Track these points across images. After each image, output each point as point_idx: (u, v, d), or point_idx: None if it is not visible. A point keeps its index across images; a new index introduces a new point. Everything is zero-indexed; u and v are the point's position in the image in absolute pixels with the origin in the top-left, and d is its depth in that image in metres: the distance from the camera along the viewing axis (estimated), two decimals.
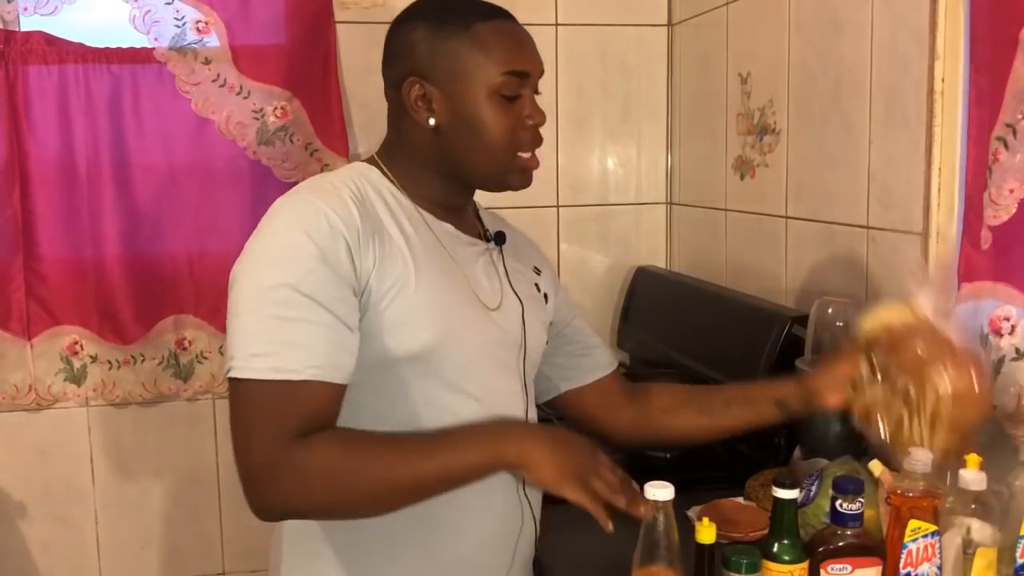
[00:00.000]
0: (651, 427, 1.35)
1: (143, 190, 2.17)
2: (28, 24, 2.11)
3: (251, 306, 1.00)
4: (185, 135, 2.17)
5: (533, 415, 1.24)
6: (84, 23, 2.14)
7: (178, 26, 2.13)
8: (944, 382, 1.08)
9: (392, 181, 1.14)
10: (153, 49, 2.13)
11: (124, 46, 2.13)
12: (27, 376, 2.17)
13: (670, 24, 2.42)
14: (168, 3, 2.12)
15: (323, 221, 1.02)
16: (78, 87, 2.11)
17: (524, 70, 1.11)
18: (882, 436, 1.12)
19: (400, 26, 1.13)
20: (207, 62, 2.15)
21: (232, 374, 0.99)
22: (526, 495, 1.20)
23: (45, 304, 2.16)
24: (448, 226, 1.16)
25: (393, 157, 1.17)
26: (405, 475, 1.00)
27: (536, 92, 1.15)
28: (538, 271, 1.30)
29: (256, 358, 0.98)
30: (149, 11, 2.12)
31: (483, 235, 1.23)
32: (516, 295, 1.20)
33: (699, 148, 2.29)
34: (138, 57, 2.13)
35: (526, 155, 1.14)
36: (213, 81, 2.16)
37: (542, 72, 1.14)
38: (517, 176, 1.14)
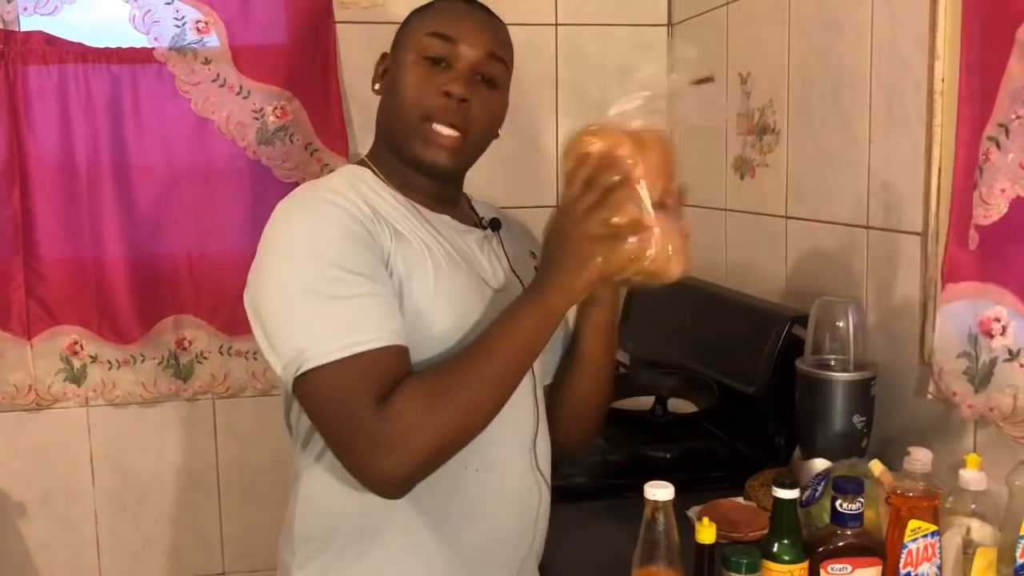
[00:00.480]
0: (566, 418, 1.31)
1: (143, 190, 2.17)
2: (28, 24, 2.10)
3: (296, 300, 1.00)
4: (185, 135, 2.17)
5: (540, 395, 1.24)
6: (84, 23, 2.14)
7: (178, 26, 2.13)
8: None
9: (383, 179, 1.15)
10: (153, 49, 2.13)
11: (124, 46, 2.13)
12: (27, 376, 2.17)
13: (670, 24, 2.42)
14: (168, 3, 2.11)
15: (336, 209, 1.03)
16: (78, 87, 2.11)
17: (449, 34, 1.11)
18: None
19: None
20: (207, 62, 2.15)
21: (309, 365, 0.97)
22: (539, 469, 1.20)
23: (45, 304, 2.16)
24: (445, 217, 1.17)
25: (379, 153, 1.18)
26: (494, 368, 1.00)
27: (489, 81, 1.14)
28: (534, 255, 1.29)
29: (329, 340, 0.97)
30: (149, 11, 2.11)
31: (479, 223, 1.24)
32: (519, 279, 1.21)
33: (699, 148, 2.29)
34: (138, 57, 2.13)
35: (436, 126, 1.11)
36: (213, 81, 2.16)
37: (488, 54, 1.13)
38: (421, 144, 1.11)
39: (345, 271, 1.00)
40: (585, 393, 1.29)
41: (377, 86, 1.18)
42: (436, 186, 1.17)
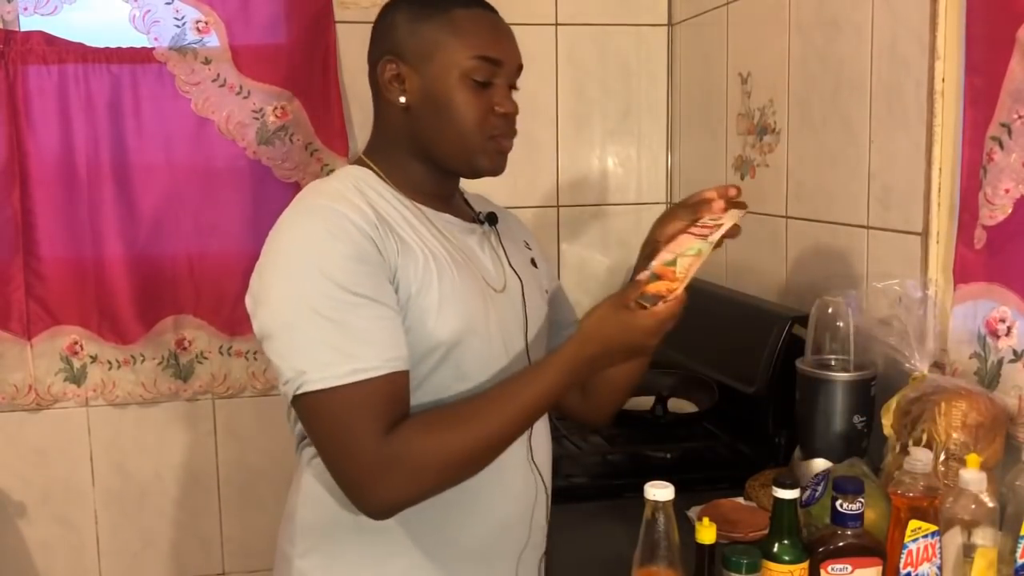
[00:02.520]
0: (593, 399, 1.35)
1: (143, 190, 2.17)
2: (28, 24, 2.11)
3: (301, 318, 1.00)
4: (185, 135, 2.17)
5: None
6: (84, 23, 2.14)
7: (178, 26, 2.13)
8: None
9: (384, 180, 1.14)
10: (153, 49, 2.13)
11: (124, 46, 2.13)
12: (27, 376, 2.17)
13: (670, 24, 2.42)
14: (168, 3, 2.12)
15: (344, 221, 1.03)
16: (78, 87, 2.11)
17: (496, 57, 1.12)
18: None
19: (384, 10, 1.17)
20: (207, 62, 2.15)
21: (308, 388, 0.98)
22: (535, 465, 1.21)
23: (45, 304, 2.16)
24: (447, 216, 1.17)
25: (378, 152, 1.18)
26: (500, 422, 1.03)
27: (514, 87, 1.17)
28: (528, 246, 1.32)
29: (330, 365, 0.98)
30: (149, 11, 2.12)
31: (475, 218, 1.24)
32: (516, 273, 1.22)
33: (699, 148, 2.29)
34: (138, 57, 2.13)
35: (499, 140, 1.15)
36: (213, 81, 2.16)
37: (520, 66, 1.16)
38: (489, 158, 1.15)
39: (351, 293, 1.00)
40: (602, 394, 1.33)
41: (403, 99, 1.14)
42: (437, 182, 1.18)
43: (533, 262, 1.29)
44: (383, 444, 0.98)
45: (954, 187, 1.37)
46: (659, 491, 0.98)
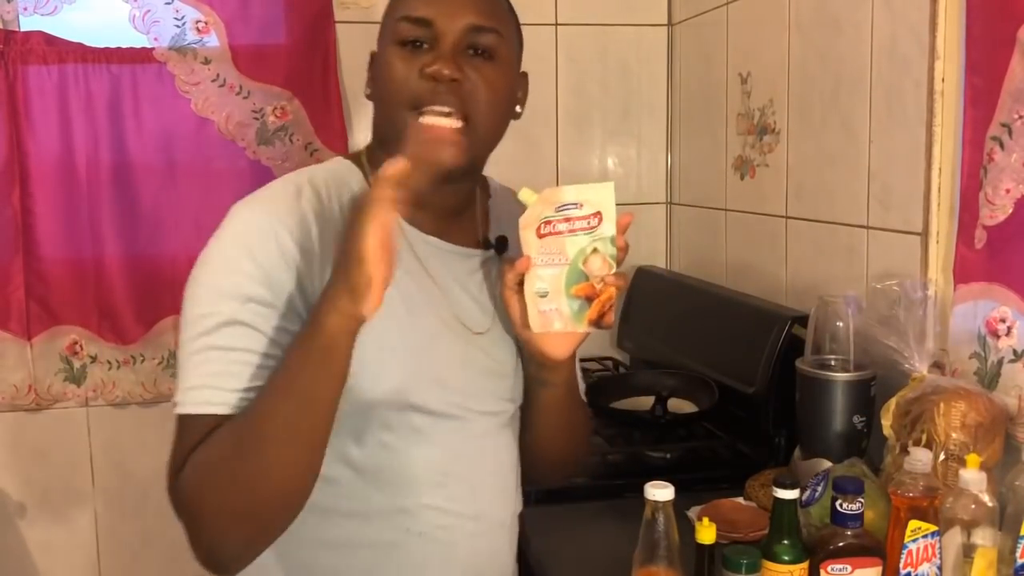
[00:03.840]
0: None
1: (143, 190, 2.16)
2: (28, 24, 2.10)
3: (191, 333, 0.94)
4: (185, 135, 2.17)
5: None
6: (84, 23, 2.14)
7: (178, 26, 2.13)
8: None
9: (370, 184, 1.01)
10: (153, 49, 2.13)
11: (124, 46, 2.13)
12: (27, 376, 2.17)
13: (670, 24, 2.42)
14: (168, 3, 2.11)
15: (272, 242, 0.94)
16: (78, 87, 2.11)
17: (420, 16, 0.97)
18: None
19: None
20: (207, 62, 2.15)
21: (175, 411, 0.94)
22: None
23: (45, 304, 2.16)
24: (433, 239, 1.04)
25: (374, 152, 1.05)
26: (271, 408, 0.89)
27: (477, 53, 0.98)
28: None
29: (191, 391, 0.93)
30: (149, 11, 2.11)
31: (483, 241, 1.10)
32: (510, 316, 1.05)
33: (699, 148, 2.29)
34: (138, 57, 2.13)
35: (428, 117, 0.96)
36: (213, 81, 2.16)
37: (470, 26, 0.98)
38: (416, 144, 0.96)
39: (238, 323, 0.92)
40: (548, 450, 1.17)
41: (368, 90, 1.05)
42: (436, 195, 1.02)
43: None
44: (174, 489, 0.92)
45: (954, 187, 1.37)
46: (659, 491, 0.98)
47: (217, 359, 0.92)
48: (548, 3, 2.36)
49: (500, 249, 1.10)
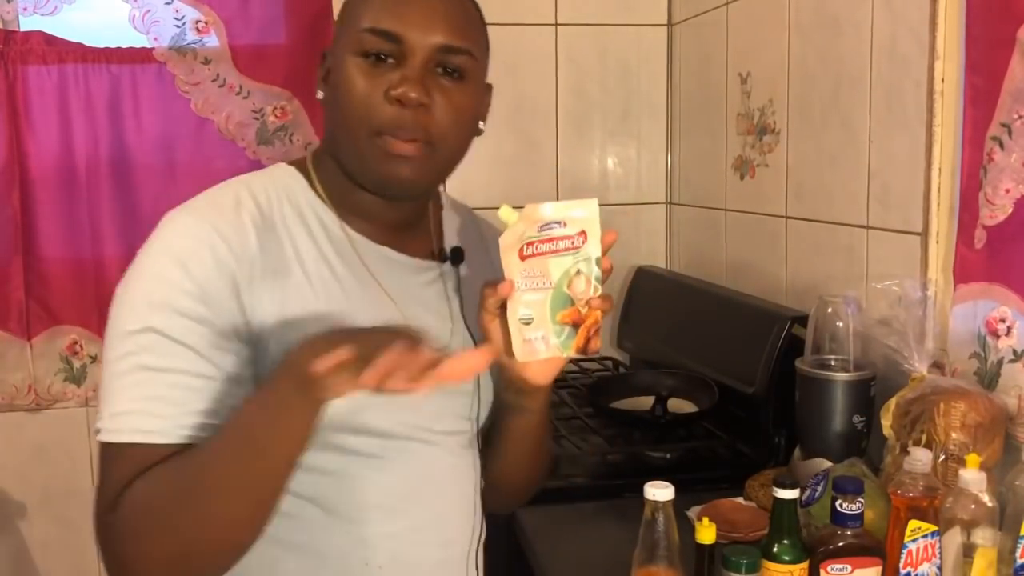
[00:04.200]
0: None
1: (143, 190, 2.17)
2: (28, 24, 2.10)
3: (118, 352, 0.85)
4: (185, 135, 2.17)
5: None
6: (84, 23, 2.14)
7: (178, 26, 2.13)
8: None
9: (318, 193, 0.97)
10: (153, 49, 2.13)
11: (124, 46, 2.13)
12: (27, 376, 2.17)
13: (670, 24, 2.42)
14: (168, 3, 2.12)
15: (206, 252, 0.87)
16: (78, 87, 2.11)
17: (389, 30, 0.89)
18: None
19: None
20: (207, 62, 2.15)
21: (99, 437, 0.85)
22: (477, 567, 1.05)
23: (45, 304, 2.16)
24: (386, 250, 0.98)
25: (321, 158, 0.99)
26: (222, 459, 0.81)
27: (449, 73, 0.92)
28: None
29: (118, 417, 0.84)
30: (149, 11, 2.12)
31: (438, 253, 1.04)
32: (469, 329, 1.01)
33: (699, 148, 2.29)
34: (138, 57, 2.13)
35: (390, 141, 0.90)
36: (213, 81, 2.16)
37: (442, 46, 0.91)
38: (375, 164, 0.91)
39: (169, 339, 0.84)
40: (512, 476, 1.12)
41: (320, 94, 0.98)
42: (380, 206, 0.97)
43: None
44: (107, 524, 0.83)
45: (954, 187, 1.37)
46: (659, 491, 0.98)
47: (147, 381, 0.84)
48: (548, 3, 2.35)
49: (455, 261, 1.04)
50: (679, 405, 1.82)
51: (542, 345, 0.92)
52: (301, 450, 0.82)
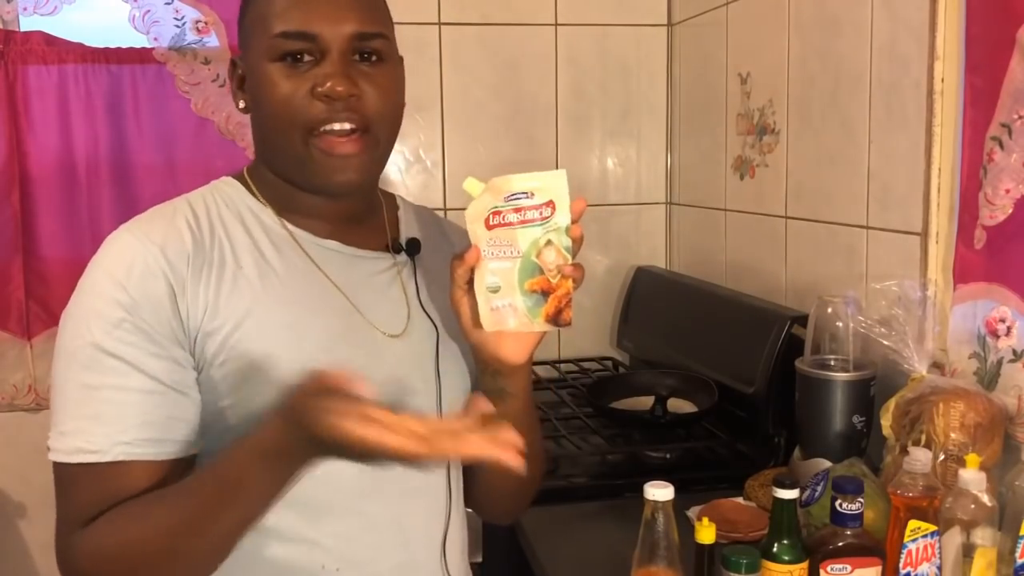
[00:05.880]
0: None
1: (143, 190, 2.17)
2: (28, 24, 2.11)
3: (59, 369, 0.88)
4: (185, 135, 2.17)
5: (456, 476, 1.05)
6: (84, 23, 2.14)
7: (178, 26, 2.13)
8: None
9: (255, 195, 0.98)
10: (153, 49, 2.13)
11: (124, 46, 2.13)
12: (27, 376, 2.17)
13: (670, 24, 2.42)
14: (168, 3, 2.12)
15: (138, 262, 0.88)
16: (78, 87, 2.11)
17: (301, 30, 0.90)
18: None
19: None
20: (207, 62, 2.15)
21: (49, 456, 0.87)
22: (448, 571, 1.02)
23: (45, 304, 2.16)
24: (332, 243, 0.98)
25: (257, 168, 1.00)
26: (194, 510, 0.82)
27: (370, 58, 0.93)
28: None
29: (63, 436, 0.86)
30: (149, 11, 2.12)
31: (392, 245, 1.04)
32: (428, 315, 1.01)
33: (699, 148, 2.29)
34: (138, 57, 2.13)
35: (327, 138, 0.91)
36: (213, 81, 2.16)
37: (356, 34, 0.91)
38: (318, 166, 0.92)
39: (105, 353, 0.86)
40: (499, 481, 1.06)
41: (242, 103, 0.97)
42: (333, 205, 0.98)
43: None
44: (72, 546, 0.85)
45: (954, 187, 1.37)
46: (659, 491, 0.98)
47: (85, 399, 0.86)
48: (548, 3, 2.35)
49: (412, 252, 1.04)
50: (679, 405, 1.82)
51: (510, 312, 0.91)
52: (283, 490, 0.82)
